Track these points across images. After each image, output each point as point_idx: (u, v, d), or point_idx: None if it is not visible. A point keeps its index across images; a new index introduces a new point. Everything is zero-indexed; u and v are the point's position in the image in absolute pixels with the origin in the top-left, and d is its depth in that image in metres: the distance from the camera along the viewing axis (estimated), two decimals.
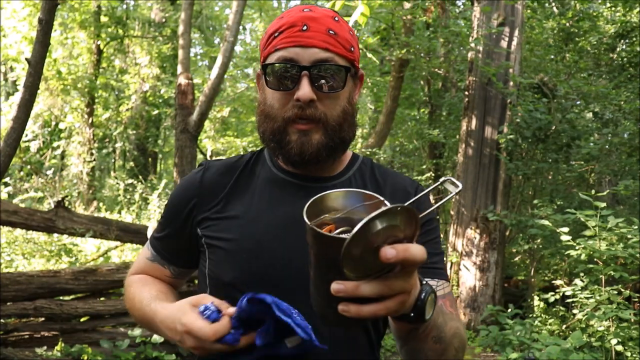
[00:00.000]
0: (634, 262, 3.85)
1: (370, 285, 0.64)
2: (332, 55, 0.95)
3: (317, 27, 0.94)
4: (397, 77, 7.78)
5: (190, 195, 1.08)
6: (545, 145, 5.77)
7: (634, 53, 7.60)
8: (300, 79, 0.94)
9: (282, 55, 0.95)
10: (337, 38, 0.96)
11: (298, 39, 0.94)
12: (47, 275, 3.96)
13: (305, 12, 0.96)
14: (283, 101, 0.97)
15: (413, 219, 0.64)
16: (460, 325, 0.96)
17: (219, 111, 10.84)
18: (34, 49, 2.61)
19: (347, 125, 0.99)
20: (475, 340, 5.17)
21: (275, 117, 0.98)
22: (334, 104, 0.97)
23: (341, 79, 0.96)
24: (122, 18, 12.53)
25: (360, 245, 0.60)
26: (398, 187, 1.07)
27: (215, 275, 1.03)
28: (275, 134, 0.98)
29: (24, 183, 10.48)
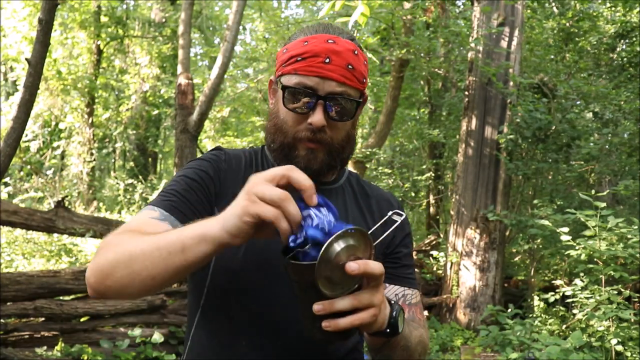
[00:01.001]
0: (634, 262, 3.85)
1: (343, 300, 0.77)
2: (346, 89, 1.04)
3: (338, 61, 1.03)
4: (397, 77, 7.78)
5: (218, 167, 1.10)
6: (545, 145, 5.77)
7: (634, 53, 7.60)
8: (315, 107, 1.03)
9: (303, 82, 1.03)
10: (354, 72, 1.04)
11: (320, 70, 1.02)
12: (47, 275, 3.96)
13: (329, 43, 1.03)
14: (296, 121, 1.06)
15: (367, 239, 0.77)
16: (424, 332, 1.12)
17: (219, 111, 10.83)
18: (34, 49, 2.62)
19: (348, 147, 1.11)
20: (475, 340, 5.17)
21: (287, 132, 1.07)
22: (340, 130, 1.08)
23: (352, 110, 1.06)
24: (122, 18, 12.53)
25: (328, 265, 0.73)
26: (382, 199, 1.21)
27: (222, 262, 1.03)
28: (285, 147, 1.07)
29: (24, 183, 10.48)
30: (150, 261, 0.84)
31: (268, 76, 9.80)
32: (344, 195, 1.16)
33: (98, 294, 0.90)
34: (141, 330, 4.28)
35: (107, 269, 0.87)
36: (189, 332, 1.11)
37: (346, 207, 1.14)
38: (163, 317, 4.47)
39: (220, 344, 1.04)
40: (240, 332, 1.03)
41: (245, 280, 1.03)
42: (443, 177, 9.99)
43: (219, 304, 1.05)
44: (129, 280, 0.86)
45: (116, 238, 0.92)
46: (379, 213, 1.17)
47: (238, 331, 1.03)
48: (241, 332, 1.03)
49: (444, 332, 5.46)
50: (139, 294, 0.90)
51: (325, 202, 0.81)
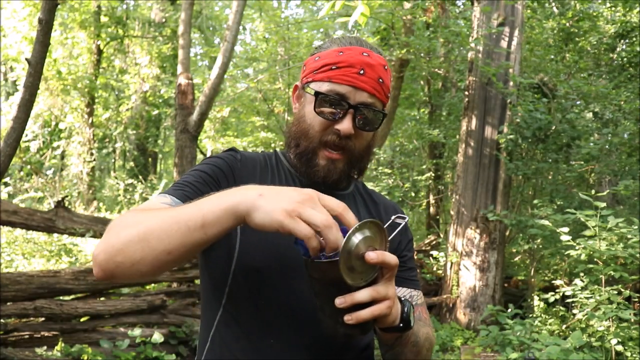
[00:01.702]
0: (634, 262, 3.85)
1: (363, 292, 0.82)
2: (375, 101, 1.09)
3: (371, 74, 1.07)
4: (397, 77, 7.78)
5: (233, 167, 1.11)
6: (545, 145, 5.77)
7: (634, 53, 7.60)
8: (345, 115, 1.07)
9: (336, 89, 1.07)
10: (382, 86, 1.10)
11: (354, 80, 1.06)
12: (47, 275, 3.96)
13: (364, 56, 1.08)
14: (324, 126, 1.09)
15: (382, 231, 0.83)
16: (430, 330, 1.17)
17: (219, 111, 10.83)
18: (34, 49, 2.61)
19: (367, 157, 1.15)
20: (475, 340, 5.17)
21: (312, 137, 1.09)
22: (363, 140, 1.12)
23: (378, 121, 1.11)
24: (122, 18, 12.53)
25: (350, 255, 0.78)
26: (389, 206, 1.26)
27: (244, 260, 1.04)
28: (308, 152, 1.10)
29: (24, 183, 10.49)
30: (167, 235, 0.81)
31: (268, 76, 9.82)
32: (355, 202, 1.20)
33: (106, 273, 0.86)
34: (141, 330, 4.28)
35: (120, 245, 0.84)
36: (208, 332, 1.09)
37: (359, 213, 1.17)
38: (163, 317, 4.47)
39: (249, 341, 1.03)
40: (268, 329, 1.03)
41: (268, 277, 1.03)
42: (443, 177, 9.99)
43: (243, 303, 1.05)
44: (143, 256, 0.82)
45: (128, 216, 0.89)
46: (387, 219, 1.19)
47: (266, 328, 1.03)
48: (269, 329, 1.03)
49: (444, 332, 5.46)
50: (150, 273, 0.86)
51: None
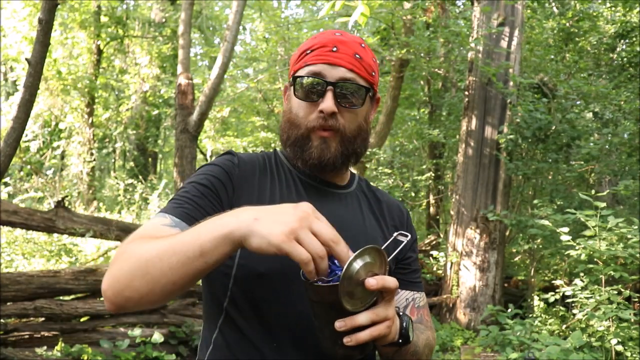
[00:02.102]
0: (634, 262, 3.85)
1: (363, 316, 0.83)
2: (355, 76, 1.07)
3: (345, 50, 1.07)
4: (397, 77, 7.78)
5: (230, 173, 1.08)
6: (545, 145, 5.77)
7: (634, 53, 7.60)
8: (325, 93, 1.05)
9: (312, 70, 1.07)
10: (361, 62, 1.08)
11: (327, 57, 1.06)
12: (47, 275, 3.96)
13: (336, 36, 1.09)
14: (308, 111, 1.08)
15: (382, 256, 0.83)
16: (431, 333, 1.17)
17: (219, 111, 10.83)
18: (34, 49, 2.62)
19: (360, 139, 1.11)
20: (475, 340, 5.17)
21: (299, 124, 1.09)
22: (352, 119, 1.09)
23: (361, 97, 1.08)
24: (122, 18, 12.52)
25: (350, 282, 0.79)
26: (393, 205, 1.24)
27: (247, 265, 1.03)
28: (299, 139, 1.09)
29: (24, 183, 10.48)
30: (169, 267, 0.82)
31: (268, 76, 9.82)
32: (358, 201, 1.19)
33: (117, 307, 0.87)
34: (141, 330, 4.28)
35: (124, 280, 0.84)
36: (211, 335, 1.09)
37: (362, 212, 1.16)
38: (163, 317, 4.47)
39: (252, 345, 1.03)
40: (271, 333, 1.02)
41: (270, 281, 1.02)
42: (443, 177, 10.00)
43: (244, 307, 1.04)
44: (149, 289, 0.83)
45: (129, 247, 0.89)
46: (390, 219, 1.20)
47: (268, 332, 1.02)
48: (271, 333, 1.02)
49: (444, 332, 5.46)
50: (161, 301, 0.87)
51: None
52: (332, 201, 1.13)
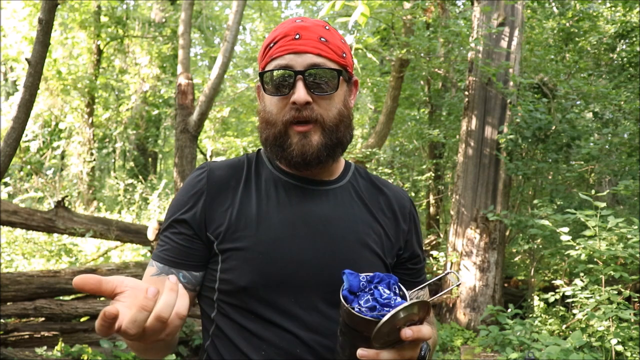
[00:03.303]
0: (634, 262, 3.85)
1: (388, 353, 0.83)
2: (324, 61, 1.01)
3: (309, 35, 1.01)
4: (397, 77, 7.77)
5: (199, 193, 1.07)
6: (545, 145, 5.77)
7: (634, 53, 7.60)
8: (295, 84, 1.00)
9: (278, 63, 1.01)
10: (328, 45, 1.02)
11: (291, 46, 1.00)
12: (47, 275, 3.96)
13: (297, 22, 1.03)
14: (280, 105, 1.02)
15: (426, 307, 0.85)
16: (434, 328, 1.16)
17: (219, 111, 10.83)
18: (34, 49, 2.61)
19: (343, 126, 1.05)
20: (475, 340, 5.17)
21: (275, 122, 1.03)
22: (329, 106, 1.02)
23: (334, 81, 1.02)
24: (122, 18, 12.52)
25: (388, 326, 0.81)
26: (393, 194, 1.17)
27: (229, 280, 1.03)
28: (277, 138, 1.03)
29: (24, 183, 10.48)
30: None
31: None
32: (350, 194, 1.12)
33: None
34: None
35: None
36: (205, 341, 1.11)
37: (353, 206, 1.10)
38: None
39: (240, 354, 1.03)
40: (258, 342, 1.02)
41: (254, 294, 1.02)
42: (443, 177, 9.99)
43: (231, 316, 1.04)
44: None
45: None
46: (389, 210, 1.14)
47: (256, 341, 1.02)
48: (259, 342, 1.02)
49: (444, 332, 5.46)
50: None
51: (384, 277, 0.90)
52: (316, 199, 1.07)
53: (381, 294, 0.85)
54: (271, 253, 1.01)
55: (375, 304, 0.84)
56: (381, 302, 0.84)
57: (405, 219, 1.15)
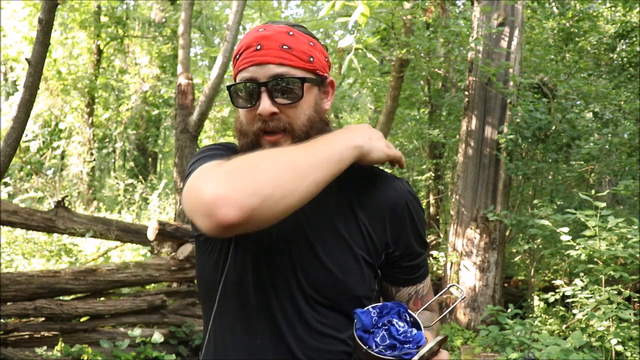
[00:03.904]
0: (634, 262, 3.85)
1: None
2: (287, 69, 1.01)
3: (269, 44, 1.01)
4: (397, 77, 7.77)
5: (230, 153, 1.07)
6: (545, 145, 5.77)
7: (634, 53, 7.60)
8: (259, 95, 1.01)
9: (243, 76, 1.03)
10: (291, 52, 1.02)
11: (253, 58, 1.01)
12: (47, 275, 3.96)
13: (260, 32, 1.03)
14: (250, 117, 1.04)
15: (445, 341, 0.89)
16: (435, 316, 1.20)
17: (219, 111, 10.84)
18: (34, 49, 2.61)
19: (314, 132, 1.03)
20: (475, 340, 5.17)
21: (246, 132, 1.05)
22: (297, 114, 1.03)
23: (299, 89, 1.02)
24: (122, 18, 12.52)
25: None
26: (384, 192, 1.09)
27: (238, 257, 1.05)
28: (250, 148, 1.03)
29: (24, 183, 10.48)
30: (316, 167, 0.87)
31: None
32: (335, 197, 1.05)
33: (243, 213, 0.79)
34: (141, 330, 4.28)
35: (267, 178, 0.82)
36: (207, 328, 1.10)
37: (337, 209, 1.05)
38: (163, 317, 4.47)
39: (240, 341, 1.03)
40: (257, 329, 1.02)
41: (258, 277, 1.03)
42: (443, 177, 9.99)
43: (234, 303, 1.05)
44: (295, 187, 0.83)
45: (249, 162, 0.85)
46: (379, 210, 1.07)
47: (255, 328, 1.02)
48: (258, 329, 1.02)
49: (443, 332, 5.46)
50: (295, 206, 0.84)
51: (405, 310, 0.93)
52: None
53: (397, 329, 0.86)
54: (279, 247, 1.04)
55: (395, 343, 0.84)
56: (400, 339, 0.85)
57: (397, 214, 1.08)
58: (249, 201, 0.79)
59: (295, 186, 0.83)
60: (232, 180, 0.81)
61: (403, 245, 1.09)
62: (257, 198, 0.80)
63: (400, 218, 1.08)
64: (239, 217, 0.79)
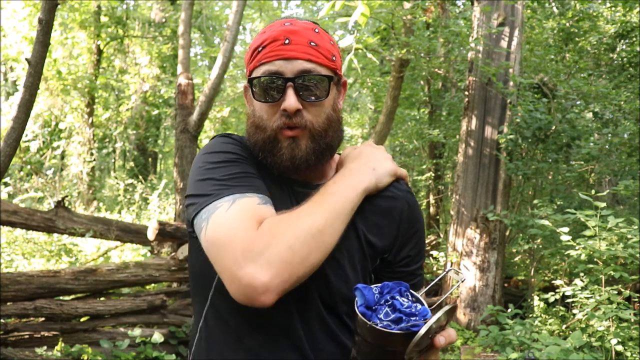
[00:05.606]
0: (634, 262, 3.85)
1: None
2: (314, 66, 1.00)
3: (298, 39, 1.00)
4: (397, 77, 7.77)
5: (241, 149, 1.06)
6: (545, 145, 5.77)
7: (634, 53, 7.60)
8: (285, 90, 0.99)
9: (267, 69, 1.00)
10: (318, 49, 1.01)
11: (281, 52, 0.99)
12: (47, 275, 3.96)
13: (286, 26, 1.01)
14: (271, 112, 1.02)
15: (454, 312, 0.87)
16: None
17: (219, 111, 10.84)
18: (34, 49, 2.61)
19: (332, 131, 1.05)
20: (475, 340, 5.17)
21: (265, 127, 1.03)
22: (318, 112, 1.02)
23: (324, 88, 1.02)
24: (122, 18, 12.52)
25: (424, 337, 0.81)
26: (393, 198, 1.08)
27: None
28: (267, 142, 1.03)
29: (24, 183, 10.48)
30: (338, 230, 0.93)
31: None
32: None
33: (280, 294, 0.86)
34: (141, 330, 4.28)
35: (299, 258, 0.87)
36: (197, 324, 1.08)
37: None
38: (163, 317, 4.47)
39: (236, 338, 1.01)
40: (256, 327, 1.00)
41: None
42: (443, 177, 10.00)
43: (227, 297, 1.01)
44: (321, 257, 0.91)
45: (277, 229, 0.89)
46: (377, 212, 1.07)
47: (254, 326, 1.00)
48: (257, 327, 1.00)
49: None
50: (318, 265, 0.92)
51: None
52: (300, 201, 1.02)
53: (401, 303, 0.84)
54: None
55: (401, 316, 0.82)
56: (406, 312, 0.82)
57: (394, 220, 1.07)
58: (286, 286, 0.87)
59: (321, 253, 0.91)
60: (271, 269, 0.86)
61: (398, 252, 1.08)
62: (294, 280, 0.88)
63: (398, 224, 1.07)
64: (276, 298, 0.87)
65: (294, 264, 0.86)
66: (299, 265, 0.87)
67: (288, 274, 0.86)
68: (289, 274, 0.86)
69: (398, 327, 0.81)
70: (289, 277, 0.86)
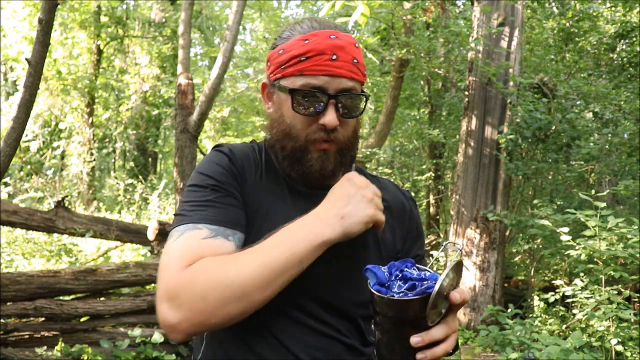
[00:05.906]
0: (634, 262, 3.85)
1: (438, 330, 0.83)
2: (355, 84, 1.02)
3: (344, 56, 1.00)
4: (397, 77, 7.77)
5: (230, 166, 1.05)
6: (545, 145, 5.77)
7: (634, 53, 7.60)
8: (327, 107, 1.00)
9: (310, 82, 1.00)
10: (358, 66, 1.03)
11: (328, 68, 0.99)
12: (47, 275, 3.96)
13: (332, 39, 1.00)
14: (306, 123, 1.02)
15: (461, 267, 0.86)
16: None
17: (219, 111, 10.84)
18: (34, 49, 2.61)
19: (356, 143, 1.09)
20: (475, 340, 5.17)
21: (297, 137, 1.03)
22: (349, 126, 1.05)
23: (361, 105, 1.05)
24: (122, 18, 12.52)
25: (439, 297, 0.80)
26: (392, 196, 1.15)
27: None
28: (296, 151, 1.04)
29: (24, 183, 10.48)
30: (269, 284, 0.86)
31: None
32: None
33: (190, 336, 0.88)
34: (141, 330, 4.28)
35: (213, 309, 0.85)
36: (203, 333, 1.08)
37: None
38: None
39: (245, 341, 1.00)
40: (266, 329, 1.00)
41: None
42: (443, 177, 9.99)
43: None
44: (244, 310, 0.87)
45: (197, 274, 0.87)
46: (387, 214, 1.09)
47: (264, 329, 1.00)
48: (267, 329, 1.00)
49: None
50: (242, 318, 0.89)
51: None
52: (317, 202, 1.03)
53: (411, 273, 0.85)
54: None
55: (414, 282, 0.82)
56: (417, 278, 0.83)
57: (404, 220, 1.15)
58: (196, 329, 0.87)
59: (246, 309, 0.87)
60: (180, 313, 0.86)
61: (408, 251, 1.14)
62: (207, 326, 0.86)
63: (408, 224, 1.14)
64: (186, 338, 0.87)
65: (206, 312, 0.85)
66: (211, 314, 0.85)
67: (198, 320, 0.86)
68: (199, 321, 0.86)
69: (414, 293, 0.81)
70: (199, 323, 0.86)
